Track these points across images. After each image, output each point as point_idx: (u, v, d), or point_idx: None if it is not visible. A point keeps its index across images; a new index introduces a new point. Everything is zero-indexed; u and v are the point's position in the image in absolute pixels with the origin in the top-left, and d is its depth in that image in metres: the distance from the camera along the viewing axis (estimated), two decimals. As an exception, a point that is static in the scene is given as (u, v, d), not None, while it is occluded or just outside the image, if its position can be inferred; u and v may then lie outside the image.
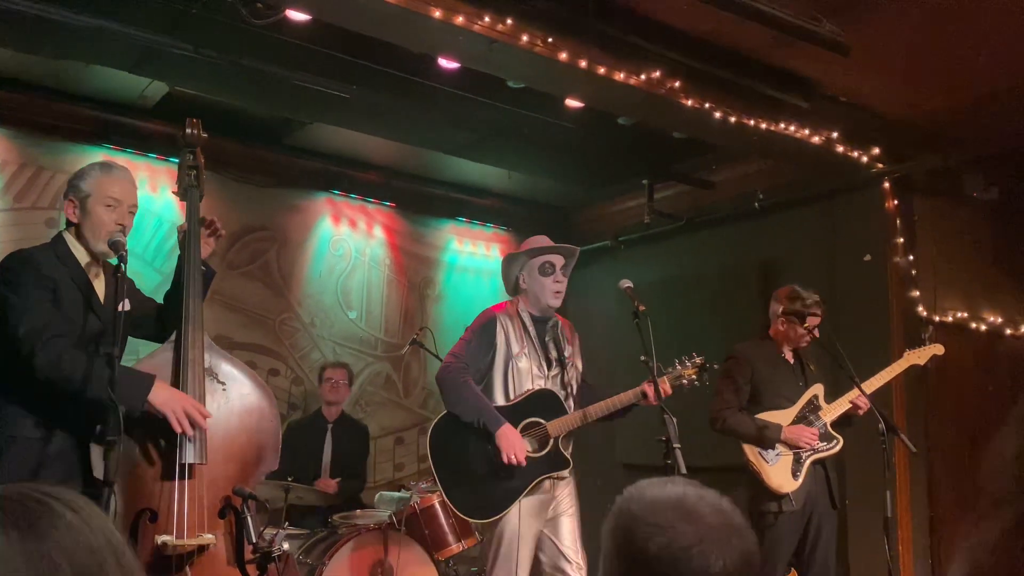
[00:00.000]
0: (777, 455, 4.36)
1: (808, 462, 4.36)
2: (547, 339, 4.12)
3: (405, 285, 7.28)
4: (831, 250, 6.05)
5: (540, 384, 4.03)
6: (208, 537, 2.96)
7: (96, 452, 2.86)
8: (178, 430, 2.90)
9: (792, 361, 4.59)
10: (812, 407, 4.47)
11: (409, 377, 7.17)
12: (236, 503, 3.04)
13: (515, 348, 4.02)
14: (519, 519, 3.87)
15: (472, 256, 7.72)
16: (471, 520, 4.29)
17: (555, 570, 3.98)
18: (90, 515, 0.88)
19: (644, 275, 4.04)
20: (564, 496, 4.07)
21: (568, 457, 4.02)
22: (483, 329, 4.07)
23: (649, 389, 3.88)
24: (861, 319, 5.62)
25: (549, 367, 4.08)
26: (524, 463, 3.84)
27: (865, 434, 4.48)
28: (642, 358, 3.74)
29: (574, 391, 4.10)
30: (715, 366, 4.16)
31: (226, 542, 3.05)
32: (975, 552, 1.12)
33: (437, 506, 4.90)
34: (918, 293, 5.78)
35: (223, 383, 3.17)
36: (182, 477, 2.96)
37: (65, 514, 0.85)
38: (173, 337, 3.14)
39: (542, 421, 3.96)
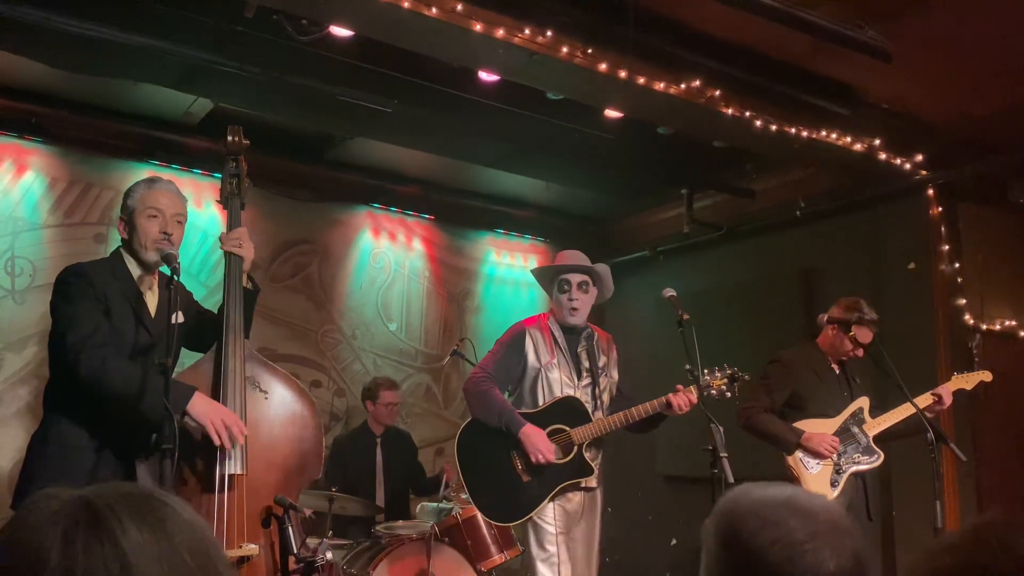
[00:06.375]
0: (818, 464, 4.31)
1: (848, 473, 4.31)
2: (579, 349, 4.14)
3: (444, 297, 7.32)
4: (875, 258, 5.97)
5: (570, 393, 4.04)
6: (251, 547, 2.93)
7: (142, 469, 2.90)
8: (216, 442, 2.90)
9: (838, 371, 4.54)
10: (856, 419, 4.41)
11: (449, 388, 7.19)
12: (278, 512, 3.02)
13: (544, 358, 4.07)
14: (554, 520, 3.91)
15: (510, 268, 7.74)
16: (495, 523, 4.35)
17: None
18: (191, 510, 0.96)
19: (684, 285, 4.02)
20: (586, 526, 4.06)
21: (592, 465, 3.99)
22: (512, 342, 4.16)
23: (674, 399, 3.88)
24: (907, 328, 5.53)
25: (580, 377, 4.09)
26: (553, 459, 3.89)
27: (913, 443, 4.42)
28: (686, 367, 3.73)
29: (605, 402, 4.12)
30: (746, 377, 4.09)
31: (269, 552, 3.02)
32: None
33: (479, 517, 4.90)
34: (964, 301, 5.69)
35: (265, 391, 3.17)
36: (223, 488, 2.95)
37: (181, 512, 0.94)
38: (215, 348, 3.15)
39: (566, 428, 3.97)
